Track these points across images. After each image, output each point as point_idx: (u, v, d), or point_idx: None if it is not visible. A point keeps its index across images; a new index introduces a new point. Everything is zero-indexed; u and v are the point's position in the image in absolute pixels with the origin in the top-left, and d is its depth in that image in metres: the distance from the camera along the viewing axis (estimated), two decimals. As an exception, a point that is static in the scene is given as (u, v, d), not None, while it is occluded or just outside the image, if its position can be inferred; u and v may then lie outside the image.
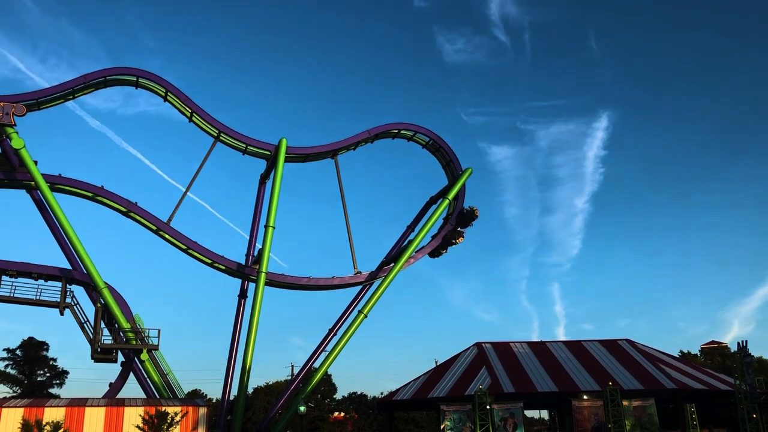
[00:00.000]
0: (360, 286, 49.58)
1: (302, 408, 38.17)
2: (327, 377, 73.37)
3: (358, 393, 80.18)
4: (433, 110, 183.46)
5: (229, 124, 47.39)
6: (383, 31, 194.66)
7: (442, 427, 39.57)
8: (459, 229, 50.14)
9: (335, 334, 47.87)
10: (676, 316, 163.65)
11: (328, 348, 46.14)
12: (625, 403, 39.46)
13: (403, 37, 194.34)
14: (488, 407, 38.38)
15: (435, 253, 50.87)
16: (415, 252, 48.84)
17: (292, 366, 76.11)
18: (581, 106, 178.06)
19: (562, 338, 77.59)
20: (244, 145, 47.88)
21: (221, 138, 47.45)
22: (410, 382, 44.72)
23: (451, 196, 50.27)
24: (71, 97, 45.62)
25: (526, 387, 42.32)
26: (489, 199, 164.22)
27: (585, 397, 41.04)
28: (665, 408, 46.80)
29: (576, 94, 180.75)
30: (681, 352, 78.11)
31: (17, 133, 41.02)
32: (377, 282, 48.56)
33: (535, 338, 67.45)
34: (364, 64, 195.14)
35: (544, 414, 76.00)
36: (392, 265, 48.05)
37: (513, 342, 50.26)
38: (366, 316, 45.16)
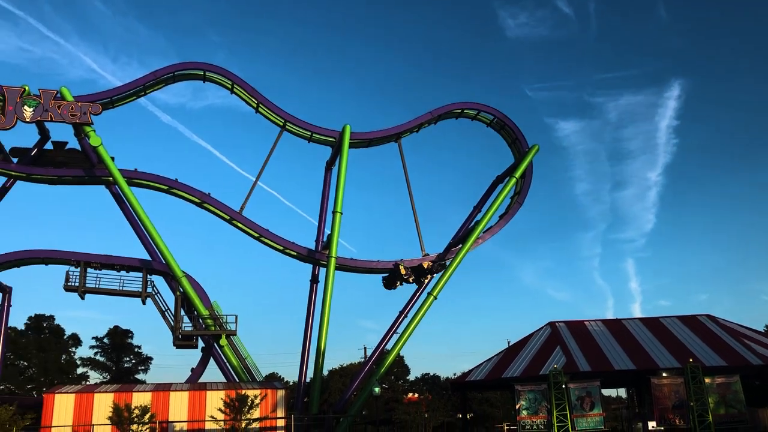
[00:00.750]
0: (429, 268, 49.57)
1: (377, 389, 38.68)
2: (399, 359, 74.09)
3: (431, 374, 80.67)
4: (497, 87, 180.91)
5: (293, 113, 48.18)
6: (443, 10, 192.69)
7: (517, 406, 39.39)
8: (421, 279, 49.06)
9: (406, 317, 48.17)
10: (759, 290, 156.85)
11: (400, 330, 46.54)
12: (707, 380, 38.23)
13: (464, 14, 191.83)
14: (564, 386, 37.92)
15: (419, 282, 49.23)
16: (483, 233, 48.48)
17: (365, 348, 77.10)
18: (651, 75, 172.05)
19: (639, 315, 75.73)
20: (310, 133, 48.51)
21: (287, 127, 48.19)
22: (483, 362, 44.54)
23: (518, 174, 49.56)
24: (143, 93, 47.23)
25: (602, 365, 41.54)
26: (558, 175, 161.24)
27: (664, 374, 39.96)
28: (751, 384, 45.06)
29: (645, 63, 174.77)
30: (766, 327, 74.92)
31: (95, 131, 42.81)
32: (446, 263, 48.55)
33: (609, 316, 66.15)
34: (426, 45, 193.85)
35: (622, 392, 74.63)
36: (460, 246, 47.89)
37: (587, 320, 49.33)
38: (436, 298, 45.24)
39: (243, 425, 32.68)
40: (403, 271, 46.84)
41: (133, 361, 67.55)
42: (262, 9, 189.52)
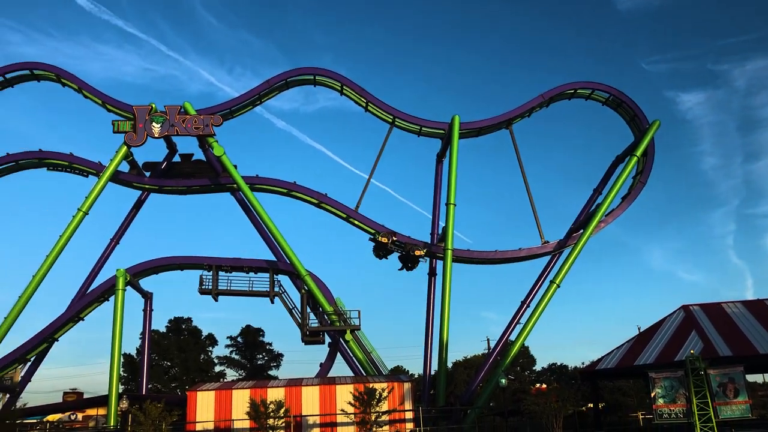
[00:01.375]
0: (549, 256, 48.47)
1: (503, 380, 38.21)
2: (524, 349, 72.93)
3: (558, 364, 78.81)
4: (611, 64, 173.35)
5: (402, 108, 48.52)
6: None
7: (652, 394, 37.64)
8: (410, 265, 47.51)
9: (528, 306, 47.29)
10: None
11: (523, 320, 45.76)
12: None
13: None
14: (702, 373, 35.83)
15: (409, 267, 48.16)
16: (605, 216, 46.67)
17: (488, 340, 76.61)
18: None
19: (783, 295, 70.08)
20: (419, 127, 48.65)
21: (396, 123, 48.61)
22: (613, 350, 42.95)
23: (639, 152, 47.25)
24: (258, 102, 49.23)
25: (745, 349, 38.89)
26: (683, 150, 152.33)
27: (818, 357, 36.87)
28: None
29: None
30: None
31: (217, 141, 45.14)
32: (567, 250, 47.20)
33: (749, 297, 61.70)
34: (532, 26, 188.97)
35: (769, 378, 69.56)
36: (581, 231, 46.37)
37: (725, 302, 46.31)
38: (559, 286, 44.07)
39: (372, 418, 33.35)
40: (384, 240, 46.00)
41: (266, 358, 70.67)
42: (364, 7, 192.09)
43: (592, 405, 47.50)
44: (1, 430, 28.43)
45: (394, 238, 45.94)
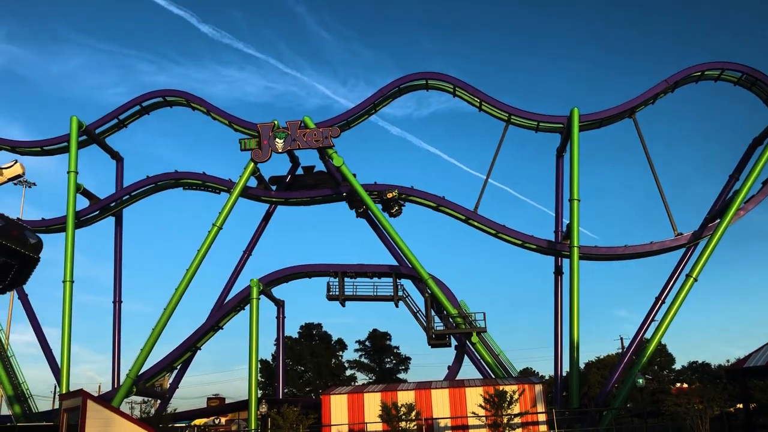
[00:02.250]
0: (683, 249, 45.88)
1: (640, 380, 36.55)
2: (661, 347, 69.39)
3: (700, 362, 74.34)
4: (739, 38, 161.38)
5: (517, 104, 47.74)
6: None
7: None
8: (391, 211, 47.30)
9: (663, 302, 44.98)
10: None
11: (658, 317, 43.57)
12: None
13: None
14: None
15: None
16: (744, 203, 43.51)
17: (621, 338, 73.46)
18: None
19: None
20: (536, 123, 47.64)
21: (512, 120, 47.88)
22: (763, 346, 39.91)
23: (779, 132, 43.73)
24: (373, 111, 50.21)
25: None
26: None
27: None
28: None
29: None
30: None
31: (336, 152, 46.45)
32: (703, 241, 44.45)
33: None
34: (648, 8, 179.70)
35: None
36: (718, 220, 43.49)
37: None
38: (696, 280, 41.54)
39: (504, 420, 32.96)
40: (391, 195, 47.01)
41: (394, 361, 71.74)
42: (470, 8, 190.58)
43: (741, 406, 44.41)
44: (156, 433, 30.79)
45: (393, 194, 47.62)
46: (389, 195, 47.29)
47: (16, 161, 12.07)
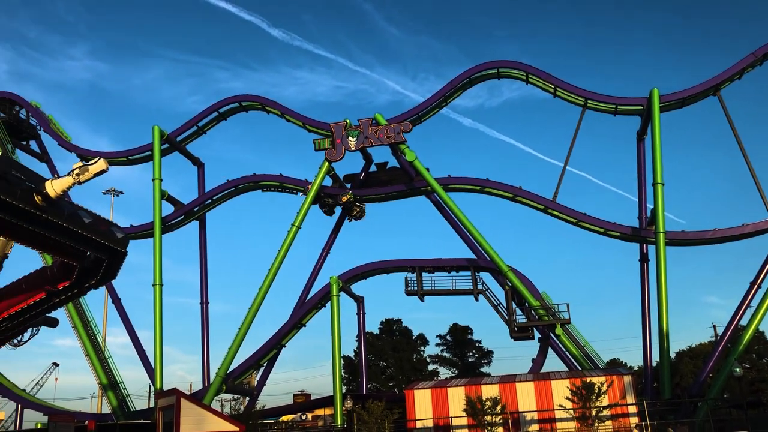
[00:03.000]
0: (779, 229, 43.38)
1: (737, 370, 34.82)
2: (759, 335, 65.92)
3: (804, 349, 70.32)
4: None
5: (593, 89, 46.40)
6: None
7: None
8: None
9: (759, 287, 42.66)
10: None
11: (754, 303, 41.40)
12: None
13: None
14: None
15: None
16: None
17: (714, 326, 70.22)
18: None
19: None
20: (614, 106, 46.11)
21: (588, 105, 46.55)
22: None
23: None
24: (444, 103, 49.89)
25: None
26: None
27: None
28: None
29: None
30: None
31: (408, 147, 46.42)
32: (802, 221, 41.90)
33: None
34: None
35: None
36: (817, 198, 40.90)
37: None
38: (795, 262, 39.23)
39: (593, 413, 32.12)
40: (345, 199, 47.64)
41: (476, 355, 71.22)
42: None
43: None
44: (248, 429, 31.65)
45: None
46: (343, 199, 48.58)
47: (100, 157, 12.74)
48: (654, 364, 45.32)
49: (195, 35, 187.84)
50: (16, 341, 17.18)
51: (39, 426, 50.67)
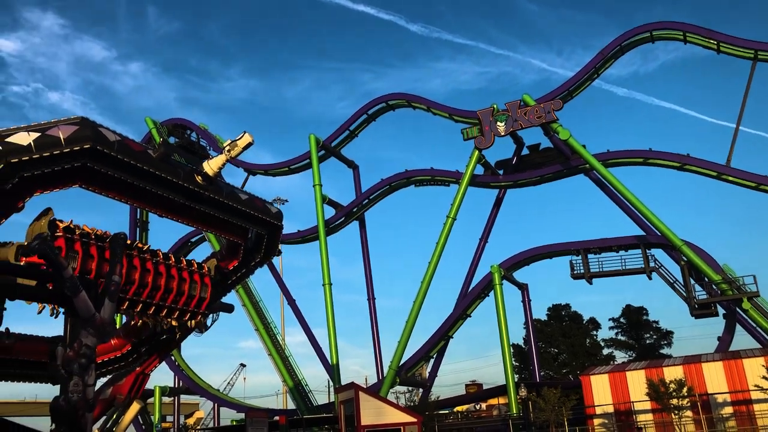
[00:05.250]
0: None
1: None
2: None
3: None
4: None
5: (761, 38, 42.16)
6: None
7: None
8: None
9: None
10: None
11: None
12: None
13: None
14: None
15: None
16: None
17: None
18: None
19: None
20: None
21: (759, 57, 42.32)
22: None
23: None
24: (595, 76, 47.75)
25: None
26: None
27: None
28: None
29: None
30: None
31: (561, 125, 44.87)
32: None
33: None
34: None
35: None
36: None
37: None
38: None
39: (796, 393, 29.27)
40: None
41: (654, 336, 67.39)
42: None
43: None
44: (425, 419, 32.29)
45: None
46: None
47: (245, 132, 13.77)
48: None
49: (338, 42, 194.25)
50: (201, 328, 18.79)
51: (234, 422, 55.00)
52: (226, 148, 16.70)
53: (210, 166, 16.53)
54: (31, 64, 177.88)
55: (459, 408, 58.78)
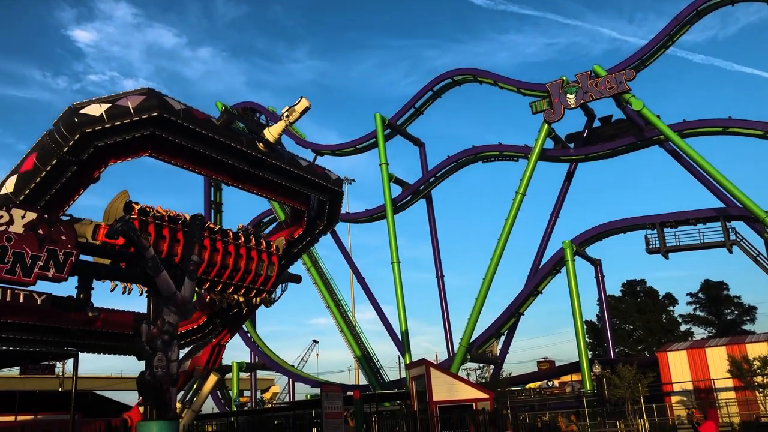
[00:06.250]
0: None
1: None
2: None
3: None
4: None
5: None
6: None
7: None
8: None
9: None
10: None
11: None
12: None
13: None
14: None
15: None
16: None
17: None
18: None
19: None
20: None
21: None
22: None
23: None
24: (669, 43, 45.83)
25: None
26: None
27: None
28: None
29: None
30: None
31: (634, 96, 43.37)
32: None
33: None
34: None
35: None
36: None
37: None
38: None
39: None
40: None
41: (735, 312, 64.97)
42: None
43: None
44: (497, 396, 32.23)
45: None
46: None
47: (302, 97, 13.94)
48: None
49: (401, 18, 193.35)
50: (267, 303, 19.23)
51: (308, 397, 56.44)
52: (285, 114, 17.00)
53: (270, 133, 16.86)
54: (107, 53, 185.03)
55: (531, 385, 58.34)
